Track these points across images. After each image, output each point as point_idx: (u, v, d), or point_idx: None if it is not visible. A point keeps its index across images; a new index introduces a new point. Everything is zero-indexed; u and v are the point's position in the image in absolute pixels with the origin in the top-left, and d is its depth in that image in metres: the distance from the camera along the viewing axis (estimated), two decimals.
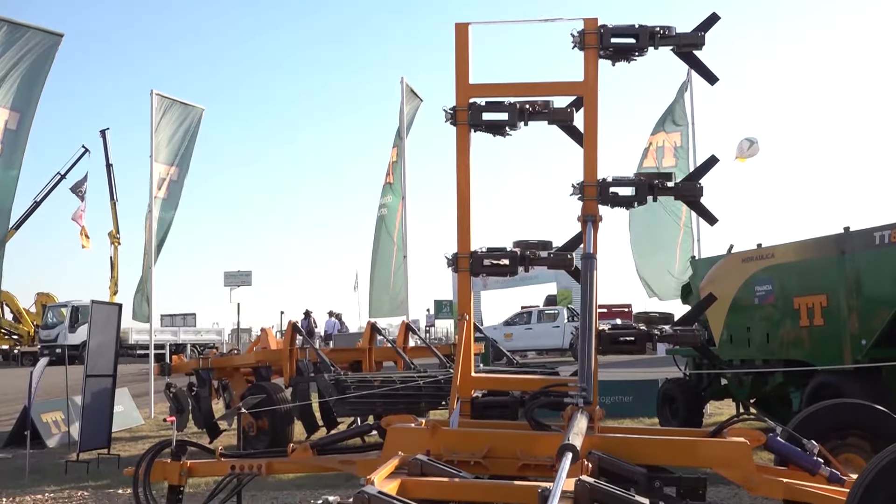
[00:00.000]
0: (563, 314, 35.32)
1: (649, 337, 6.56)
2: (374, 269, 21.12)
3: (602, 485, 4.10)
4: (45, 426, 14.05)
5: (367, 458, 6.10)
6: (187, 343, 45.96)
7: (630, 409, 15.20)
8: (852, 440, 6.67)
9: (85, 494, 9.65)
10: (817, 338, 10.96)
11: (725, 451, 5.68)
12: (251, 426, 12.20)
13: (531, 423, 6.04)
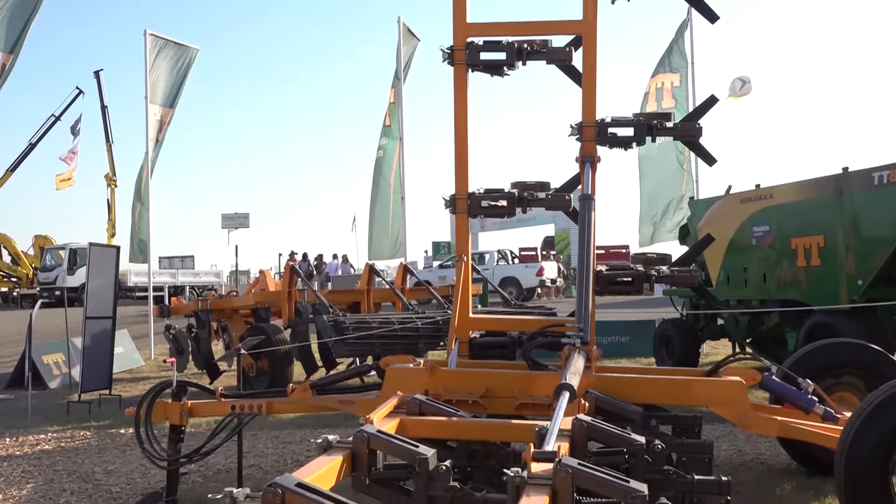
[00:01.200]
0: (493, 257, 37.22)
1: (646, 278, 6.57)
2: (373, 212, 21.07)
3: (599, 423, 4.14)
4: (46, 368, 14.15)
5: (366, 398, 6.15)
6: (186, 285, 46.11)
7: (627, 349, 15.31)
8: (847, 379, 6.73)
9: (87, 434, 9.76)
10: (814, 278, 10.99)
11: (721, 389, 5.73)
12: (251, 367, 12.29)
13: (529, 364, 6.08)
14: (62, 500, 6.85)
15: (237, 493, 3.04)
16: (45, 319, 13.43)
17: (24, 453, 8.85)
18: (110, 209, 48.76)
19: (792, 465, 7.06)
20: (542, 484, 3.23)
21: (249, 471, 7.55)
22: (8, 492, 7.19)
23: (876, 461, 4.57)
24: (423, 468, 3.71)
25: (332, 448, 3.86)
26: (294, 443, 8.95)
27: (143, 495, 6.93)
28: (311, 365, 12.39)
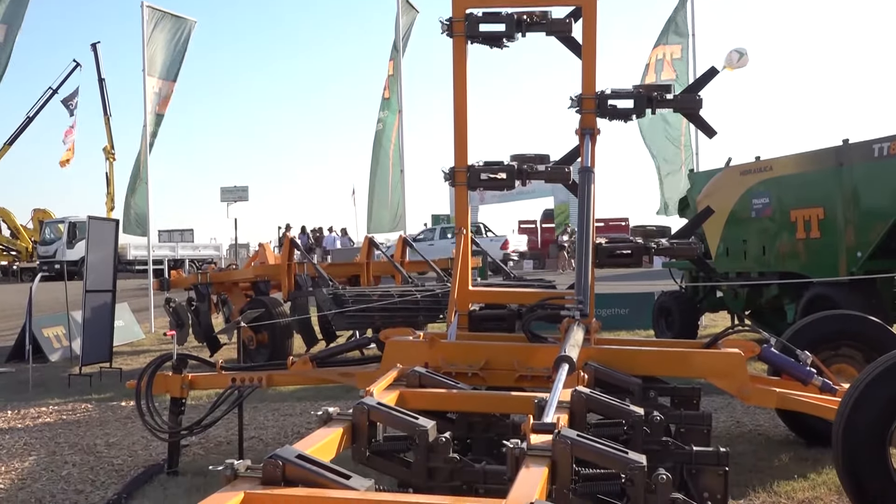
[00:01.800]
0: None
1: (646, 250, 6.57)
2: (373, 185, 21.03)
3: (598, 395, 4.16)
4: (47, 341, 14.19)
5: (366, 371, 6.17)
6: (185, 258, 46.12)
7: (626, 321, 15.35)
8: (845, 350, 6.76)
9: (89, 407, 9.80)
10: (813, 250, 11.00)
11: (720, 361, 5.75)
12: (251, 340, 12.32)
13: (528, 336, 6.10)
14: (64, 472, 6.89)
15: (238, 465, 3.06)
16: (45, 293, 13.45)
17: (26, 426, 8.90)
18: (109, 182, 48.65)
19: (790, 436, 7.10)
20: (541, 455, 3.25)
21: (250, 443, 7.59)
22: (10, 464, 7.24)
23: (874, 432, 4.60)
24: (423, 440, 3.73)
25: (332, 420, 3.87)
26: (294, 415, 8.99)
27: (144, 467, 6.97)
28: (310, 338, 12.42)
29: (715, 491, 4.00)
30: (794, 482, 5.89)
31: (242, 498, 2.87)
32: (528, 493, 2.83)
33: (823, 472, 6.04)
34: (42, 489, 6.45)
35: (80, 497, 6.23)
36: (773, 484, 5.87)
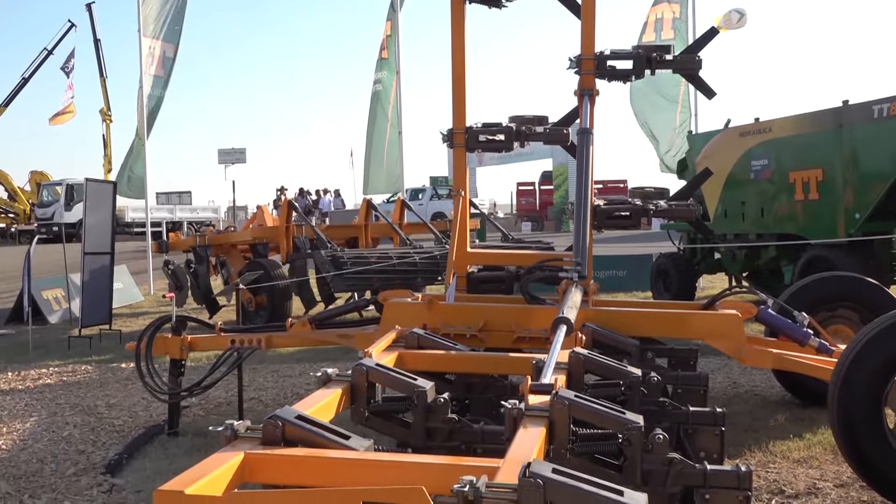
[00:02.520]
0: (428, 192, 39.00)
1: (644, 212, 6.56)
2: (370, 146, 20.94)
3: (595, 356, 4.18)
4: (46, 303, 14.22)
5: (365, 332, 6.19)
6: (183, 221, 46.06)
7: (624, 283, 15.38)
8: (842, 312, 6.79)
9: (89, 369, 9.85)
10: (812, 212, 11.00)
11: (717, 322, 5.77)
12: (250, 302, 12.35)
13: (526, 297, 6.11)
14: (65, 433, 6.94)
15: (238, 426, 3.08)
16: (44, 255, 13.44)
17: (27, 387, 8.94)
18: (106, 145, 48.41)
19: (786, 396, 7.15)
20: (539, 415, 3.27)
21: (250, 404, 7.64)
22: (12, 425, 7.28)
23: (869, 393, 4.62)
24: (422, 400, 3.75)
25: (331, 381, 3.89)
26: (293, 376, 9.04)
27: (145, 428, 7.02)
28: (309, 300, 12.44)
29: (711, 450, 4.04)
30: (790, 442, 5.95)
31: (242, 458, 2.89)
32: (526, 453, 2.86)
33: (819, 432, 6.09)
34: (43, 450, 6.49)
35: (82, 457, 6.27)
36: (769, 443, 5.92)
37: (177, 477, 2.70)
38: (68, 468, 6.01)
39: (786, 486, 5.12)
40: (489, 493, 2.50)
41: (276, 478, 2.94)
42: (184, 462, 5.50)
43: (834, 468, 5.39)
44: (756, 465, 5.46)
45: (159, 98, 18.93)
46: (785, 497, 4.95)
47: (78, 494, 5.44)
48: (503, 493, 2.51)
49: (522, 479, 2.48)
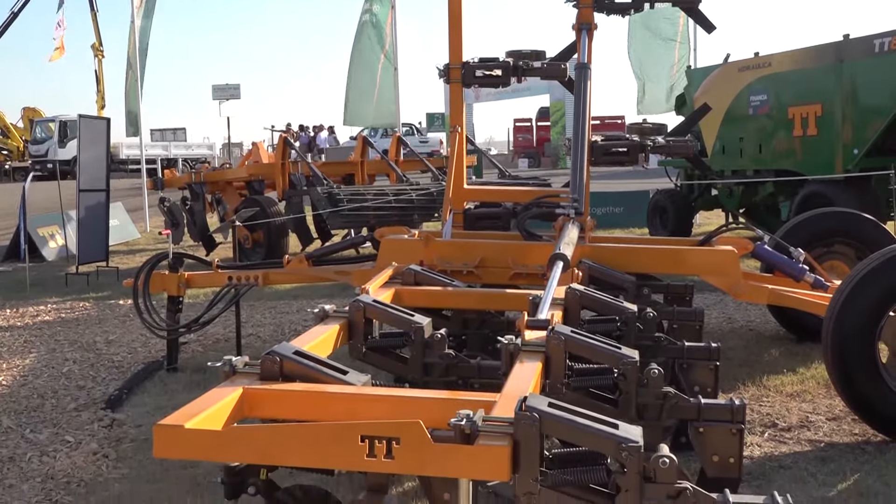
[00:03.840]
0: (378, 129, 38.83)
1: (642, 148, 6.52)
2: (353, 77, 20.53)
3: (592, 292, 4.19)
4: (43, 240, 14.20)
5: (362, 269, 6.19)
6: (178, 158, 45.78)
7: (621, 219, 15.38)
8: (838, 248, 6.80)
9: (87, 305, 9.88)
10: (810, 147, 10.95)
11: (713, 258, 5.78)
12: (246, 239, 12.35)
13: (523, 234, 6.11)
14: (65, 369, 6.99)
15: (236, 361, 3.10)
16: (39, 192, 13.40)
17: (25, 324, 8.98)
18: (98, 81, 47.83)
19: (780, 331, 7.21)
20: (535, 351, 3.29)
21: (248, 340, 7.69)
22: (11, 361, 7.33)
23: (863, 328, 4.66)
24: (419, 336, 3.77)
25: (328, 317, 3.90)
26: (291, 313, 9.08)
27: (144, 364, 7.07)
28: (306, 237, 12.44)
29: (705, 385, 4.08)
30: (784, 376, 6.00)
31: (241, 393, 2.91)
32: (523, 388, 2.88)
33: (812, 367, 6.15)
34: (44, 385, 6.55)
35: (82, 393, 6.33)
36: (763, 378, 5.97)
37: (176, 412, 2.72)
38: (69, 403, 6.06)
39: (779, 419, 5.18)
40: (486, 427, 2.53)
41: (274, 412, 2.97)
42: (183, 397, 5.54)
43: (826, 402, 5.45)
44: (750, 398, 5.52)
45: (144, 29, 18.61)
46: (778, 430, 5.02)
47: (79, 429, 5.50)
48: (500, 427, 2.54)
49: (519, 413, 2.50)
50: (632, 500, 2.47)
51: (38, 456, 5.02)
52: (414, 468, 2.71)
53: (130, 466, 4.82)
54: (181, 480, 4.52)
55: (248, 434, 2.68)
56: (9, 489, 4.52)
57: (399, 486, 4.27)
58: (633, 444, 2.45)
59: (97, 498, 4.39)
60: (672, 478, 2.47)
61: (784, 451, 4.70)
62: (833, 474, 4.35)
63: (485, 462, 2.48)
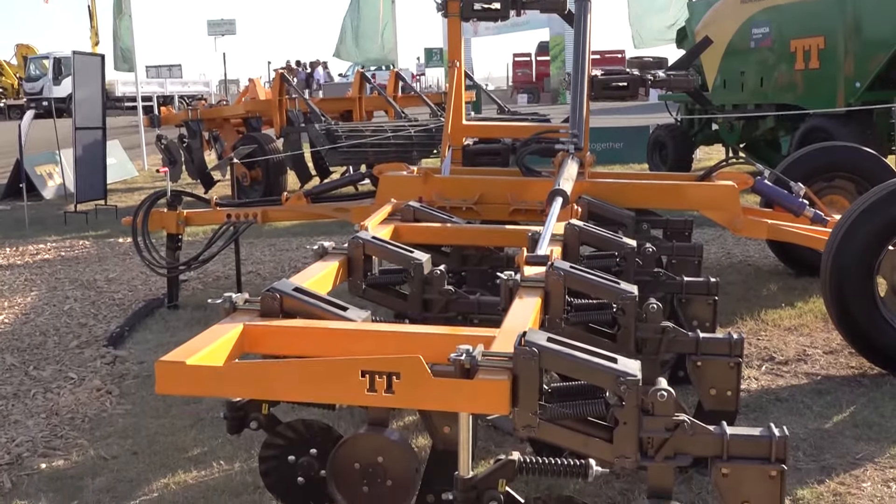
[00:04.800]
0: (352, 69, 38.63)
1: (642, 82, 6.46)
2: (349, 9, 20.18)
3: (591, 227, 4.19)
4: (40, 178, 14.16)
5: (361, 206, 6.18)
6: (174, 95, 45.39)
7: (620, 155, 15.31)
8: (838, 182, 6.78)
9: (86, 244, 9.89)
10: (811, 81, 10.85)
11: (713, 193, 5.77)
12: (244, 176, 12.30)
13: (522, 170, 6.09)
14: (66, 307, 7.02)
15: (236, 298, 3.11)
16: (35, 130, 13.28)
17: (26, 262, 9.00)
18: (92, 16, 47.14)
19: (779, 266, 7.22)
20: (534, 286, 3.30)
21: (248, 277, 7.71)
22: (13, 299, 7.36)
23: (862, 262, 4.67)
24: (418, 273, 3.78)
25: (328, 254, 3.91)
26: (290, 250, 9.09)
27: (145, 301, 7.10)
28: (304, 174, 12.40)
29: (704, 319, 4.10)
30: (782, 310, 6.04)
31: (242, 329, 2.93)
32: (522, 323, 2.89)
33: (810, 301, 6.18)
34: (46, 323, 6.58)
35: (84, 330, 6.37)
36: (761, 312, 6.01)
37: (178, 348, 2.74)
38: (71, 341, 6.10)
39: (776, 353, 5.22)
40: (485, 362, 2.55)
41: (275, 349, 2.99)
42: (184, 334, 5.57)
43: (824, 336, 5.49)
44: (748, 333, 5.56)
45: None
46: (775, 364, 5.06)
47: (82, 366, 5.55)
48: (499, 362, 2.56)
49: (518, 348, 2.52)
50: (630, 432, 2.50)
51: (42, 392, 5.07)
52: (414, 402, 2.74)
53: (134, 402, 4.87)
54: (184, 416, 4.58)
55: (249, 370, 2.70)
56: (14, 425, 4.58)
57: (400, 421, 4.33)
58: (632, 378, 2.47)
59: (102, 433, 4.45)
60: (670, 411, 2.50)
61: (781, 385, 4.75)
62: (829, 406, 4.40)
63: (484, 396, 2.50)
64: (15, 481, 3.93)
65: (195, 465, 3.98)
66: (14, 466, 4.08)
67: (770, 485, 2.48)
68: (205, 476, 3.87)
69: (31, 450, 4.26)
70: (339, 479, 3.21)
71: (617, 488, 3.54)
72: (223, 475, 3.86)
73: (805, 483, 3.59)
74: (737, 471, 2.49)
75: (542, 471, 2.84)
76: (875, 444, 3.96)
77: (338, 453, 3.21)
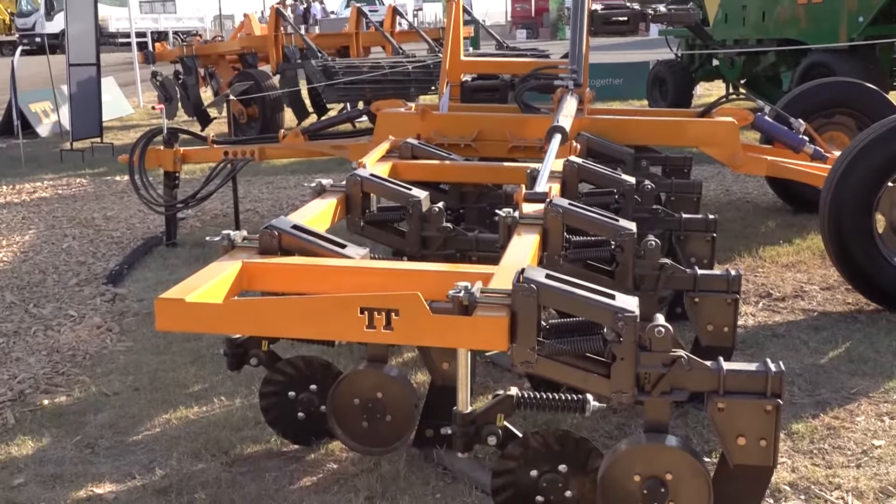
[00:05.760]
0: None
1: (643, 16, 6.38)
2: None
3: (590, 164, 4.17)
4: (35, 116, 14.04)
5: (359, 143, 6.15)
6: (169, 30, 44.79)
7: (620, 91, 15.20)
8: (839, 118, 6.74)
9: (83, 182, 9.85)
10: (814, 15, 10.70)
11: (712, 130, 5.74)
12: (241, 114, 12.20)
13: (521, 106, 6.04)
14: (65, 245, 7.02)
15: (235, 236, 3.11)
16: (28, 67, 13.17)
17: (23, 200, 8.98)
18: None
19: (778, 203, 7.22)
20: (533, 223, 3.30)
21: (246, 215, 7.70)
22: (11, 237, 7.36)
23: (861, 198, 4.66)
24: (417, 210, 3.77)
25: (326, 192, 3.90)
26: (288, 188, 9.07)
27: (143, 239, 7.10)
28: (301, 111, 12.30)
29: (702, 256, 4.12)
30: (780, 247, 6.05)
31: (240, 267, 2.93)
32: (520, 260, 2.90)
33: (808, 238, 6.19)
34: (45, 261, 6.59)
35: (83, 268, 6.38)
36: (759, 249, 6.02)
37: (177, 285, 2.75)
38: (70, 279, 6.12)
39: (773, 289, 5.25)
40: (484, 299, 2.56)
41: (274, 286, 3.00)
42: (183, 272, 5.60)
43: (821, 272, 5.51)
44: (745, 269, 5.58)
45: None
46: (772, 300, 5.09)
47: (82, 303, 5.57)
48: (497, 298, 2.57)
49: (516, 285, 2.53)
50: (627, 368, 2.52)
51: (42, 330, 5.10)
52: (413, 339, 2.76)
53: (134, 339, 4.90)
54: (185, 352, 4.61)
55: (248, 307, 2.71)
56: (16, 362, 4.61)
57: (398, 357, 4.36)
58: (629, 314, 2.48)
59: (103, 369, 4.48)
60: (667, 346, 2.52)
61: (778, 321, 4.78)
62: (825, 342, 4.43)
63: (483, 333, 2.52)
64: (18, 417, 3.97)
65: (196, 400, 4.02)
66: (17, 403, 4.13)
67: (765, 419, 2.51)
68: (206, 412, 3.92)
69: (33, 386, 4.30)
70: (338, 414, 3.26)
71: (614, 423, 3.58)
72: (224, 411, 3.90)
73: (800, 417, 3.63)
74: (733, 405, 2.52)
75: (539, 406, 2.88)
76: (870, 378, 4.00)
77: (337, 389, 3.25)
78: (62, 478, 3.39)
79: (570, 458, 2.77)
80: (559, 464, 2.77)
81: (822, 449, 3.40)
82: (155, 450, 3.60)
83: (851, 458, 3.33)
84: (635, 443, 2.66)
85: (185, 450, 3.55)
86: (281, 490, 3.23)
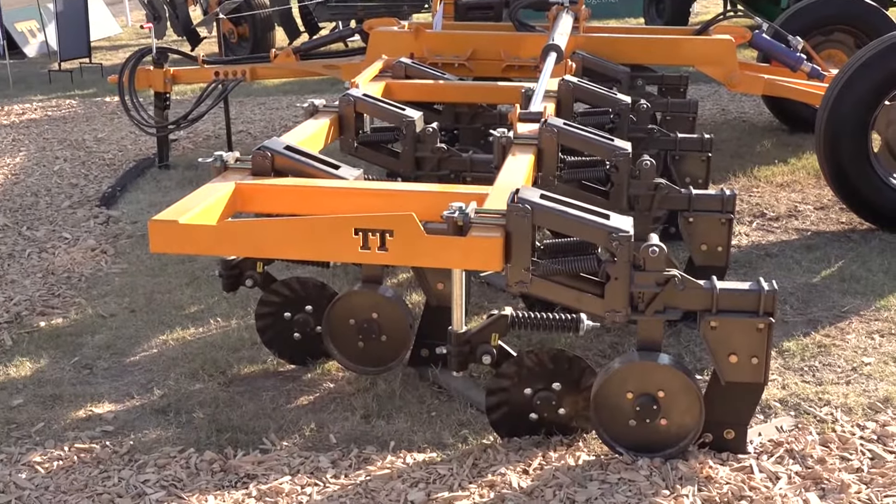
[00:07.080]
0: None
1: None
2: None
3: (585, 84, 4.14)
4: (21, 35, 13.79)
5: (351, 63, 6.07)
6: None
7: (616, 9, 14.95)
8: (838, 36, 6.67)
9: (73, 103, 9.73)
10: None
11: (709, 48, 5.68)
12: (231, 33, 12.01)
13: (516, 25, 5.96)
14: (56, 167, 6.97)
15: (227, 157, 3.09)
16: None
17: (12, 122, 8.88)
18: None
19: (774, 123, 7.17)
20: (527, 143, 3.29)
21: (238, 136, 7.63)
22: (2, 160, 7.30)
23: (857, 117, 4.63)
24: (411, 130, 3.75)
25: (318, 112, 3.87)
26: (281, 108, 8.98)
27: (135, 161, 7.05)
28: (293, 30, 12.11)
29: (697, 176, 4.11)
30: (774, 167, 6.03)
31: (234, 188, 2.92)
32: (515, 180, 2.89)
33: (804, 158, 6.17)
34: (37, 183, 6.55)
35: (75, 190, 6.35)
36: (754, 169, 6.00)
37: (170, 207, 2.74)
38: (63, 201, 6.09)
39: (768, 209, 5.25)
40: (478, 219, 2.56)
41: (267, 207, 2.99)
42: (176, 194, 5.58)
43: (815, 192, 5.50)
44: (740, 189, 5.57)
45: None
46: (766, 220, 5.09)
47: (75, 226, 5.56)
48: (492, 219, 2.57)
49: (511, 205, 2.53)
50: (621, 287, 2.54)
51: (37, 252, 5.10)
52: (407, 260, 2.77)
53: (129, 261, 4.91)
54: (180, 274, 4.62)
55: (243, 228, 2.71)
56: (11, 284, 4.62)
57: (393, 278, 4.38)
58: (624, 234, 2.49)
59: (99, 291, 4.50)
60: (661, 266, 2.53)
61: (771, 240, 4.80)
62: (818, 261, 4.46)
63: (477, 253, 2.52)
64: (15, 339, 4.00)
65: (192, 322, 4.05)
66: (14, 325, 4.15)
67: (757, 337, 2.54)
68: (202, 332, 3.94)
69: (29, 308, 4.31)
70: (334, 334, 3.29)
71: (607, 342, 3.62)
72: (220, 331, 3.93)
73: (791, 335, 3.67)
74: (725, 324, 2.55)
75: (533, 325, 2.91)
76: (861, 297, 4.03)
77: (333, 310, 3.27)
78: (61, 398, 3.43)
79: (564, 376, 2.81)
80: (553, 382, 2.81)
81: (813, 366, 3.45)
82: (153, 370, 3.64)
83: (841, 375, 3.38)
84: (628, 361, 2.70)
85: (183, 370, 3.58)
86: (278, 409, 3.27)
